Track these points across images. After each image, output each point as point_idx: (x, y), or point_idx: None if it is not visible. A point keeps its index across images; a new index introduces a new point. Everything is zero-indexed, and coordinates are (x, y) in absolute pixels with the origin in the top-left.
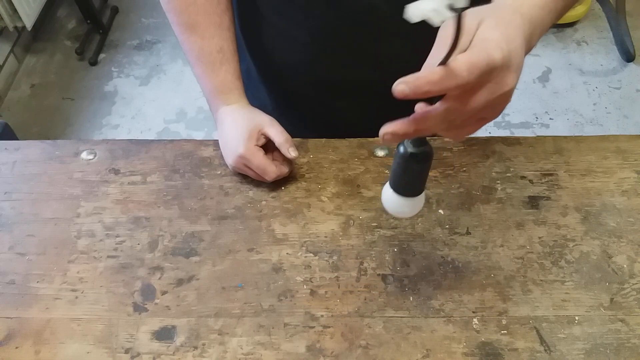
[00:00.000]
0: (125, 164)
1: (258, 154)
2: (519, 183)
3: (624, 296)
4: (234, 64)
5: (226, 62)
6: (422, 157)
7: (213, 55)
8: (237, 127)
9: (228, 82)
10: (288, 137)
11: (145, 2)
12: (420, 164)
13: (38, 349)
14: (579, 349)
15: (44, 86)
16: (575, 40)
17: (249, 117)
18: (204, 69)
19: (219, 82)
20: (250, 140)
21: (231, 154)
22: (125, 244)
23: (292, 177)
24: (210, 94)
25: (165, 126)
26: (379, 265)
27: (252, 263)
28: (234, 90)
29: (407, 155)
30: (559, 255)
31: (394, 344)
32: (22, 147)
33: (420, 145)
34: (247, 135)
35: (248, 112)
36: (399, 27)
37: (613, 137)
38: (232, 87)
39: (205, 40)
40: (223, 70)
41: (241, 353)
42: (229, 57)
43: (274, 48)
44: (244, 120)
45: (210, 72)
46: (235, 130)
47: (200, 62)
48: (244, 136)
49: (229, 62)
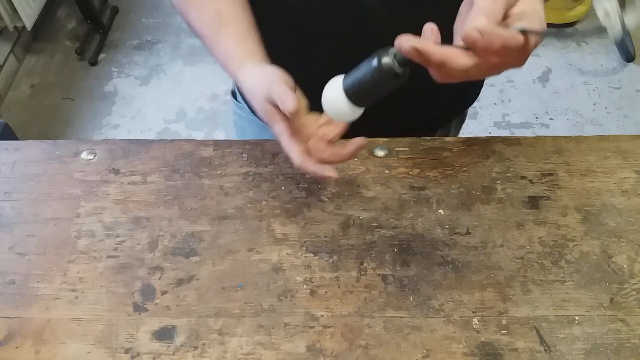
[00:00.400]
0: (125, 164)
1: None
2: (519, 183)
3: (624, 296)
4: (237, 25)
5: (225, 26)
6: (400, 79)
7: (210, 22)
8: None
9: (230, 48)
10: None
11: (145, 2)
12: (392, 85)
13: (38, 349)
14: (579, 349)
15: (44, 86)
16: (575, 40)
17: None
18: (206, 42)
19: (222, 52)
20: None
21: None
22: (125, 244)
23: (292, 177)
24: (222, 66)
25: (165, 126)
26: (379, 265)
27: (252, 263)
28: (238, 56)
29: (388, 71)
30: (559, 255)
31: (394, 344)
32: (22, 147)
33: (405, 65)
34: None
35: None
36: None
37: (613, 137)
38: (236, 53)
39: (199, 10)
40: (223, 37)
41: (241, 353)
42: (228, 20)
43: (272, 51)
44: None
45: (211, 42)
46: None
47: (202, 35)
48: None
49: (228, 25)
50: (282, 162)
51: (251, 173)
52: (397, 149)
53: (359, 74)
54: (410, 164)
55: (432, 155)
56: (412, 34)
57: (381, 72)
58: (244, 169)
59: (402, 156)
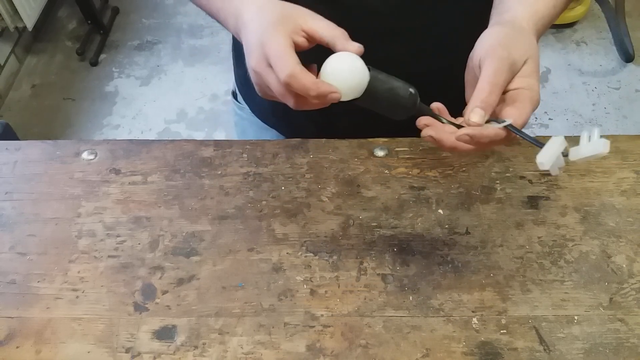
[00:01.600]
0: (125, 164)
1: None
2: (519, 183)
3: (623, 296)
4: None
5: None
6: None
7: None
8: (262, 16)
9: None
10: (343, 31)
11: (146, 3)
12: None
13: (39, 348)
14: (578, 348)
15: (44, 86)
16: (574, 40)
17: (277, 5)
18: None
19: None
20: (279, 25)
21: (252, 50)
22: (126, 244)
23: (292, 177)
24: (223, 22)
25: (166, 126)
26: (378, 265)
27: (253, 263)
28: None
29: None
30: (558, 255)
31: (393, 343)
32: (23, 147)
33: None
34: (275, 20)
35: (277, 3)
36: (397, 29)
37: (612, 137)
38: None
39: None
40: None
41: (241, 352)
42: None
43: None
44: (269, 10)
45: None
46: (260, 19)
47: None
48: (271, 21)
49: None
50: (282, 162)
51: (251, 173)
52: (397, 149)
53: (391, 80)
54: (410, 164)
55: (432, 155)
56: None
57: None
58: (244, 169)
59: (401, 156)
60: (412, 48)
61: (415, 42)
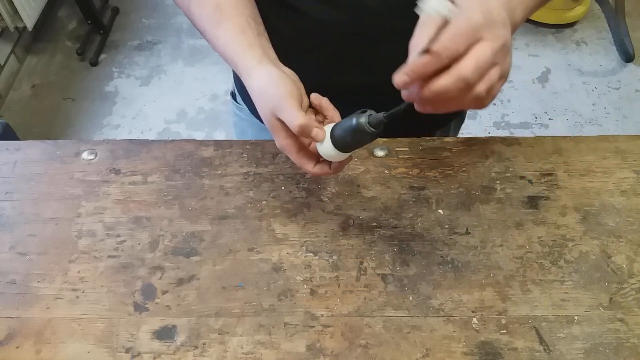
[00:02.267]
0: (126, 164)
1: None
2: (518, 183)
3: (623, 296)
4: (235, 17)
5: (224, 20)
6: (371, 136)
7: (210, 16)
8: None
9: (228, 43)
10: (304, 121)
11: (145, 3)
12: (365, 139)
13: (39, 348)
14: (578, 348)
15: (44, 86)
16: (574, 40)
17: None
18: (207, 38)
19: (221, 47)
20: (274, 131)
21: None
22: (126, 244)
23: (292, 177)
24: (225, 60)
25: (166, 126)
26: (378, 265)
27: (253, 263)
28: (238, 51)
29: (361, 128)
30: (558, 255)
31: (393, 343)
32: (23, 147)
33: (376, 128)
34: (268, 122)
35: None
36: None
37: (612, 137)
38: (234, 48)
39: (201, 6)
40: (222, 30)
41: (241, 352)
42: (227, 13)
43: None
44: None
45: (211, 38)
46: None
47: (204, 31)
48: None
49: (227, 19)
50: (282, 162)
51: (251, 173)
52: (397, 149)
53: (343, 126)
54: (410, 164)
55: (432, 155)
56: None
57: (357, 130)
58: (244, 169)
59: (401, 156)
60: None
61: None
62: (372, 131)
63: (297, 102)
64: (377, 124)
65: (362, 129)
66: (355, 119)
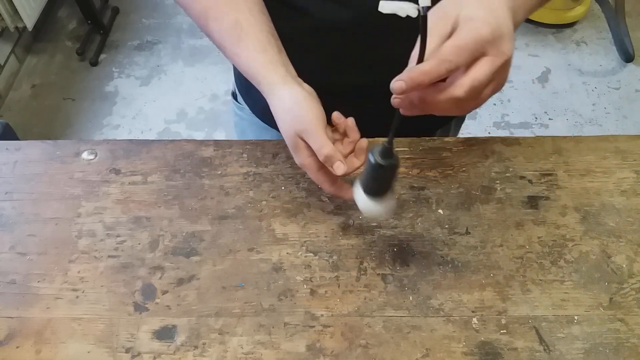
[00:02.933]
0: (126, 164)
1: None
2: (518, 183)
3: (623, 296)
4: (256, 34)
5: (245, 38)
6: (389, 168)
7: (230, 32)
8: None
9: (251, 60)
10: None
11: (146, 3)
12: (386, 173)
13: (39, 348)
14: (578, 348)
15: (44, 86)
16: (574, 40)
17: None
18: (227, 54)
19: (243, 64)
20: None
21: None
22: (126, 244)
23: (292, 177)
24: (246, 77)
25: (166, 126)
26: (378, 265)
27: (253, 263)
28: (259, 69)
29: (376, 166)
30: (558, 255)
31: (393, 343)
32: (23, 147)
33: (387, 157)
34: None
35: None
36: (400, 31)
37: (612, 137)
38: (256, 66)
39: (218, 20)
40: (243, 48)
41: (241, 352)
42: (248, 30)
43: None
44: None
45: (232, 55)
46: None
47: (223, 47)
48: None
49: (248, 36)
50: (282, 162)
51: (251, 173)
52: (397, 149)
53: (365, 174)
54: (410, 164)
55: (432, 155)
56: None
57: (373, 168)
58: (244, 169)
59: (401, 156)
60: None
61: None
62: (385, 162)
63: (324, 127)
64: (385, 153)
65: (375, 164)
66: (367, 161)
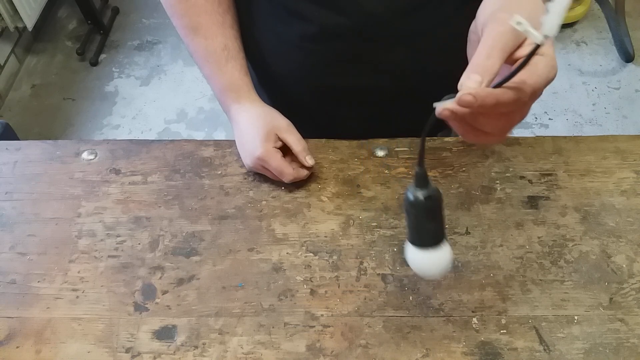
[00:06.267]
0: (126, 164)
1: (276, 155)
2: (518, 183)
3: (623, 296)
4: (240, 60)
5: (232, 59)
6: (431, 199)
7: (218, 53)
8: (253, 127)
9: (235, 78)
10: (305, 146)
11: (146, 3)
12: (431, 207)
13: (39, 348)
14: (578, 348)
15: (44, 86)
16: (574, 40)
17: (265, 118)
18: (211, 68)
19: (226, 80)
20: (267, 141)
21: (249, 155)
22: (126, 244)
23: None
24: (220, 92)
25: (166, 126)
26: (378, 265)
27: (253, 263)
28: (243, 87)
29: (418, 202)
30: (558, 255)
31: (393, 343)
32: (23, 147)
33: (422, 186)
34: (264, 136)
35: (263, 113)
36: (401, 35)
37: (612, 138)
38: (241, 84)
39: (209, 40)
40: (229, 67)
41: (241, 352)
42: (234, 55)
43: (274, 55)
44: (260, 121)
45: (217, 70)
46: (252, 130)
47: (207, 62)
48: (261, 137)
49: (235, 59)
50: None
51: (251, 173)
52: (397, 149)
53: (409, 223)
54: (410, 164)
55: (432, 155)
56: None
57: (416, 207)
58: (244, 169)
59: (401, 156)
60: (415, 52)
61: (418, 46)
62: (423, 194)
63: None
64: (421, 182)
65: (415, 202)
66: (404, 202)
